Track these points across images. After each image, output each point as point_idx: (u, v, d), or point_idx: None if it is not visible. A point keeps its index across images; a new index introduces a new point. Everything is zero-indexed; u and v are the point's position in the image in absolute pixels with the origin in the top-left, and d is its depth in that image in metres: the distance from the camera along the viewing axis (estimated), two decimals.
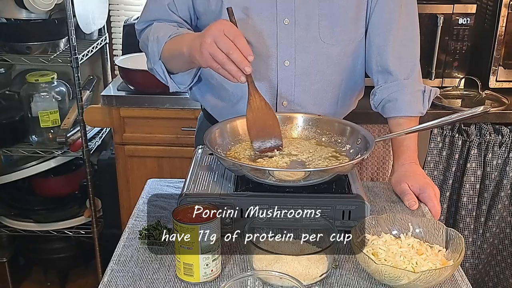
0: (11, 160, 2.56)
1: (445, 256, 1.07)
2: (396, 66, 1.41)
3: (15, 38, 2.27)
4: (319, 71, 1.40)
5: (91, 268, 2.67)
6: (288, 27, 1.35)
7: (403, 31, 1.41)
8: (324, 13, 1.34)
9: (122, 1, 2.63)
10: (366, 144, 1.23)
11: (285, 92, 1.40)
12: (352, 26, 1.39)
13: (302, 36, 1.35)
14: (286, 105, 1.41)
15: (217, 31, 1.14)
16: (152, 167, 2.24)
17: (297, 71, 1.38)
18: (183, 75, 1.38)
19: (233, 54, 1.13)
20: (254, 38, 1.34)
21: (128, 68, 2.14)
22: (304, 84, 1.40)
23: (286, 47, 1.36)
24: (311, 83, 1.41)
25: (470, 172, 2.12)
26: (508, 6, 2.12)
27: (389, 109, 1.41)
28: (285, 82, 1.39)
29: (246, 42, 1.15)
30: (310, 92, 1.41)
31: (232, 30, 1.15)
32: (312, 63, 1.38)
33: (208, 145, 1.21)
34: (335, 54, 1.40)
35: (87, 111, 2.25)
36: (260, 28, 1.35)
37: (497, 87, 2.23)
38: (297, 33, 1.35)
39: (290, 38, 1.35)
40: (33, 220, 2.51)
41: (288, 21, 1.34)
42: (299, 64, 1.37)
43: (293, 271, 0.99)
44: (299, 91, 1.40)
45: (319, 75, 1.40)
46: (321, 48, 1.37)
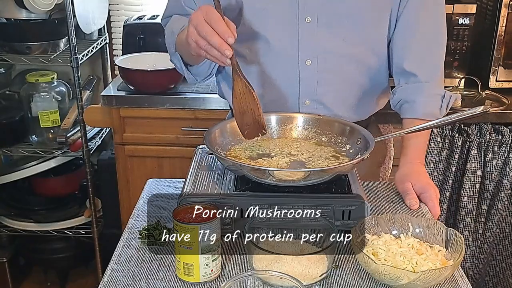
0: (11, 160, 2.55)
1: (445, 256, 1.07)
2: (419, 68, 1.40)
3: (15, 38, 2.27)
4: (342, 70, 1.39)
5: (91, 268, 2.67)
6: (310, 25, 1.33)
7: (429, 34, 1.40)
8: (346, 12, 1.33)
9: (122, 1, 2.63)
10: (366, 144, 1.23)
11: (307, 91, 1.39)
12: (374, 26, 1.37)
13: (324, 35, 1.34)
14: (309, 104, 1.41)
15: (197, 18, 1.14)
16: (152, 167, 2.24)
17: (320, 70, 1.37)
18: (198, 66, 1.37)
19: (211, 39, 1.12)
20: (275, 36, 1.34)
21: (128, 68, 2.14)
22: (327, 83, 1.39)
23: (308, 46, 1.35)
24: (334, 83, 1.40)
25: (470, 172, 2.12)
26: (508, 6, 2.12)
27: (406, 110, 1.41)
28: (307, 81, 1.38)
29: (224, 25, 1.13)
30: (333, 91, 1.41)
31: (210, 14, 1.13)
32: (335, 62, 1.37)
33: (208, 145, 1.21)
34: (358, 53, 1.39)
35: (87, 111, 2.25)
36: (281, 26, 1.34)
37: (497, 87, 2.23)
38: (319, 32, 1.34)
39: (311, 37, 1.34)
40: (33, 220, 2.50)
41: (310, 20, 1.33)
42: (321, 63, 1.36)
43: (293, 271, 0.99)
44: (322, 90, 1.39)
45: (341, 75, 1.40)
46: (343, 48, 1.36)
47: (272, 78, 1.40)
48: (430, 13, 1.40)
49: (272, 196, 1.15)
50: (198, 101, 2.14)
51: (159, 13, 2.43)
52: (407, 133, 1.32)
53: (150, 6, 2.61)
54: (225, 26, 1.13)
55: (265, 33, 1.35)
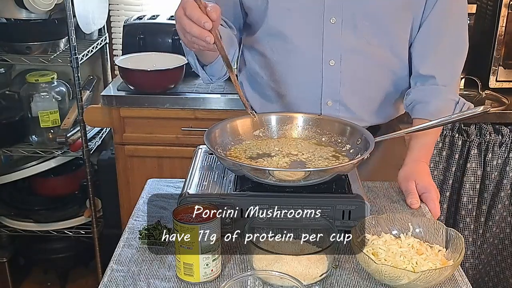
0: (11, 160, 2.55)
1: (445, 256, 1.07)
2: (438, 71, 1.40)
3: (15, 38, 2.27)
4: (365, 72, 1.38)
5: (91, 268, 2.67)
6: (335, 26, 1.33)
7: (452, 41, 1.40)
8: (371, 14, 1.32)
9: (122, 1, 2.63)
10: (366, 144, 1.23)
11: (330, 92, 1.39)
12: (399, 29, 1.37)
13: (348, 36, 1.34)
14: (331, 105, 1.40)
15: (179, 13, 1.13)
16: (152, 167, 2.24)
17: (343, 71, 1.36)
18: (212, 66, 1.36)
19: (191, 30, 1.11)
20: (299, 36, 1.34)
21: (128, 68, 2.14)
22: (350, 85, 1.38)
23: (332, 46, 1.35)
24: (357, 84, 1.39)
25: (470, 172, 2.12)
26: (508, 6, 2.12)
27: (418, 110, 1.40)
28: (330, 82, 1.38)
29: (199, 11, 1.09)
30: (356, 93, 1.40)
31: (186, 6, 1.11)
32: (358, 63, 1.37)
33: (208, 145, 1.21)
34: (381, 56, 1.38)
35: (87, 111, 2.25)
36: (306, 26, 1.34)
37: (497, 87, 2.23)
38: (343, 33, 1.33)
39: (336, 37, 1.34)
40: (33, 220, 2.50)
41: (335, 20, 1.32)
42: (345, 64, 1.36)
43: (293, 271, 0.99)
44: (345, 91, 1.39)
45: (365, 76, 1.39)
46: (368, 49, 1.36)
47: (294, 78, 1.40)
48: (454, 21, 1.40)
49: (272, 196, 1.15)
50: (198, 101, 2.14)
51: (159, 13, 2.43)
52: (407, 133, 1.32)
53: (150, 6, 2.61)
54: (199, 13, 1.10)
55: (290, 33, 1.35)
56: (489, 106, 1.30)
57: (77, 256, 2.67)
